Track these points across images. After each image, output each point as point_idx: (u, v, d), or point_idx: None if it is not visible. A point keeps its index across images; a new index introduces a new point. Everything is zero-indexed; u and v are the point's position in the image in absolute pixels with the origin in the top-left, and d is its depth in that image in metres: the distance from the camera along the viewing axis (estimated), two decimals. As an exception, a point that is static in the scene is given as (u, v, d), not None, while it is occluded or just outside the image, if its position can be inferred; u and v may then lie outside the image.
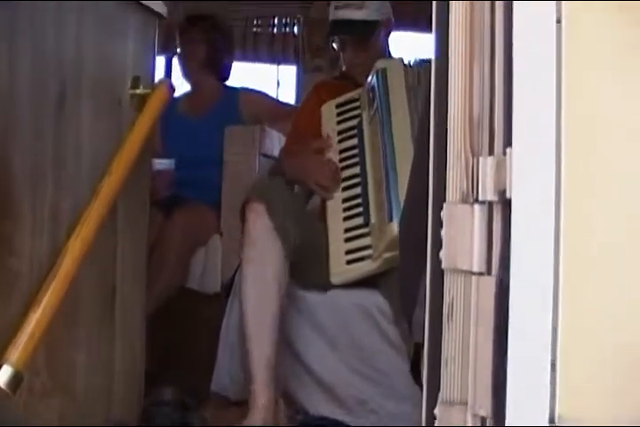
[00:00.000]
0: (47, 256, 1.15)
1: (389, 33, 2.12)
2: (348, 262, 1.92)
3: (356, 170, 1.99)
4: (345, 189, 2.00)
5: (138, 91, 1.38)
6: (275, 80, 3.57)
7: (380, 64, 1.97)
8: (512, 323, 0.59)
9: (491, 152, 0.62)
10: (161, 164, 2.40)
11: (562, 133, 0.55)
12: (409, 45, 3.28)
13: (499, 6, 0.60)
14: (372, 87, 1.97)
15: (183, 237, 2.32)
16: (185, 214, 2.36)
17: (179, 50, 2.69)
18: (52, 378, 1.22)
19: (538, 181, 0.55)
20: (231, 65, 2.76)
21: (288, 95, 3.50)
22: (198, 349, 2.33)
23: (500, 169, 0.60)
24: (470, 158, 0.63)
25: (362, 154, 1.98)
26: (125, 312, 1.40)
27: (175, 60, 3.13)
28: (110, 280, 1.35)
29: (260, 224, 1.83)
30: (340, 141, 2.06)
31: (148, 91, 1.37)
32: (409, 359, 1.71)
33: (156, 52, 1.47)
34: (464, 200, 0.64)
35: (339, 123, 2.08)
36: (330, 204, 2.00)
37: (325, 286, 1.94)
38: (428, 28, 3.29)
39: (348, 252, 1.92)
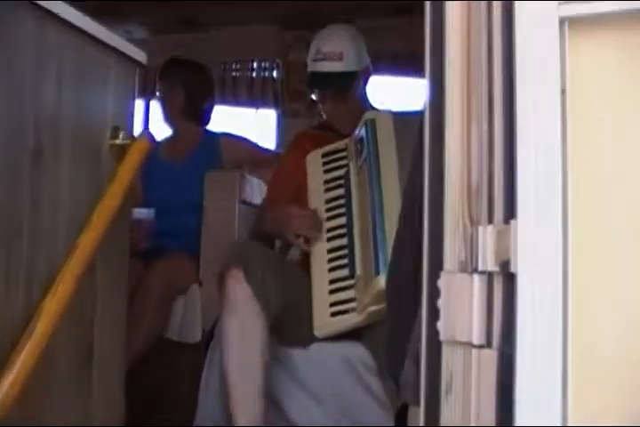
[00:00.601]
0: (21, 316, 1.10)
1: (367, 81, 2.13)
2: (333, 315, 1.88)
3: (342, 220, 1.97)
4: (330, 239, 1.97)
5: (117, 141, 1.35)
6: (254, 124, 3.58)
7: (369, 115, 1.98)
8: (519, 399, 0.56)
9: (490, 220, 0.60)
10: (140, 213, 2.36)
11: (568, 203, 0.53)
12: (390, 89, 3.31)
13: (497, 65, 0.58)
14: (361, 138, 1.97)
15: (163, 288, 2.27)
16: (164, 265, 2.31)
17: (158, 94, 2.68)
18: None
19: (545, 254, 0.53)
20: (212, 109, 2.75)
21: (267, 139, 3.50)
22: (178, 401, 2.26)
23: (501, 239, 0.57)
24: (469, 226, 0.61)
25: (348, 204, 1.97)
26: (103, 370, 1.35)
27: (154, 104, 3.13)
28: (88, 337, 1.30)
29: (239, 291, 1.79)
30: (326, 191, 2.04)
31: (128, 141, 1.34)
32: (393, 412, 1.68)
33: (135, 100, 1.45)
34: (463, 269, 0.61)
35: (325, 172, 2.07)
36: (314, 254, 1.97)
37: (308, 339, 1.91)
38: (407, 73, 3.33)
39: (333, 304, 1.89)
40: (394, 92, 3.33)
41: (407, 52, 3.17)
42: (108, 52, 1.36)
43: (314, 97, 2.10)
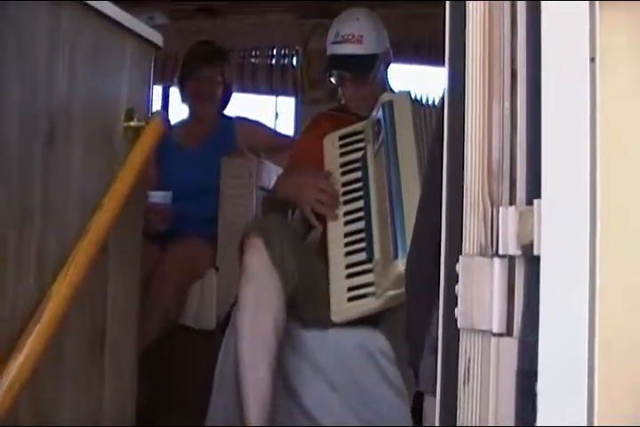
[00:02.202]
0: (32, 299, 1.09)
1: (389, 65, 2.09)
2: (350, 300, 1.86)
3: (360, 204, 1.94)
4: (348, 222, 1.94)
5: (132, 123, 1.33)
6: (273, 112, 3.55)
7: (386, 97, 1.94)
8: (542, 389, 0.53)
9: (512, 202, 0.56)
10: (156, 196, 2.34)
11: (597, 181, 0.49)
12: (409, 78, 3.26)
13: (521, 39, 0.54)
14: (378, 120, 1.93)
15: (179, 272, 2.26)
16: (180, 249, 2.29)
17: (189, 80, 2.59)
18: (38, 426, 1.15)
19: (571, 236, 0.50)
20: (232, 94, 2.73)
21: (286, 127, 3.47)
22: (193, 388, 2.25)
23: (524, 221, 0.54)
24: (489, 208, 0.57)
25: (366, 187, 1.94)
26: (115, 357, 1.33)
27: (173, 89, 3.10)
28: (100, 323, 1.28)
29: (258, 260, 1.78)
30: (343, 174, 2.01)
31: (143, 123, 1.32)
32: (410, 403, 1.65)
33: (152, 83, 1.42)
34: (482, 253, 0.58)
35: (342, 155, 2.04)
36: (331, 238, 1.94)
37: (325, 324, 1.88)
38: (427, 61, 3.28)
39: (350, 289, 1.87)
40: (416, 81, 3.28)
41: (428, 41, 3.11)
42: (123, 33, 1.34)
43: (332, 80, 2.06)
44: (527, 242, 0.54)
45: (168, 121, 1.31)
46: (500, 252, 0.56)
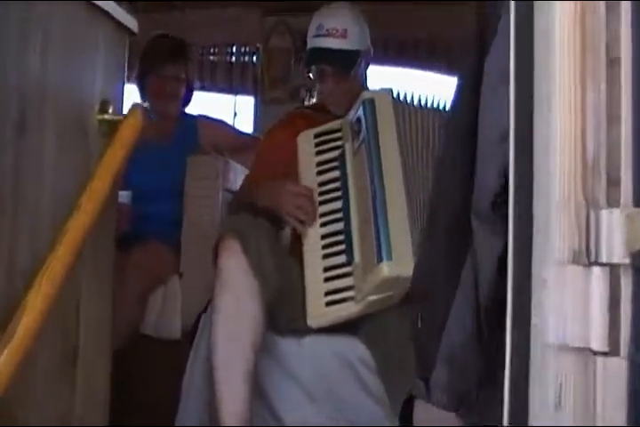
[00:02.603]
0: (2, 311, 0.96)
1: (368, 63, 2.02)
2: (328, 304, 1.77)
3: (338, 204, 1.85)
4: (324, 224, 1.86)
5: (107, 116, 1.21)
6: (231, 111, 3.43)
7: (367, 95, 1.86)
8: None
9: (613, 202, 0.49)
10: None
11: None
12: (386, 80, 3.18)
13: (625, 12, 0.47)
14: (358, 118, 1.85)
15: (140, 278, 2.12)
16: (142, 253, 2.16)
17: (151, 77, 2.43)
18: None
19: None
20: (193, 92, 2.61)
21: (245, 127, 3.36)
22: (155, 402, 2.12)
23: (634, 225, 0.47)
24: (583, 208, 0.50)
25: (344, 188, 1.85)
26: (89, 374, 1.21)
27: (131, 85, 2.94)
28: (72, 339, 1.16)
29: (234, 265, 1.67)
30: (319, 173, 1.92)
31: (119, 117, 1.20)
32: (395, 412, 1.58)
33: (125, 71, 1.30)
34: (576, 260, 0.50)
35: (318, 153, 1.95)
36: (307, 240, 1.85)
37: (302, 330, 1.79)
38: (411, 64, 3.19)
39: (328, 293, 1.78)
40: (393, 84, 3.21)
41: (408, 41, 3.05)
42: (97, 16, 1.22)
43: (311, 75, 1.97)
44: (636, 249, 0.47)
45: (148, 114, 1.20)
46: (603, 260, 0.49)
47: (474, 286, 0.91)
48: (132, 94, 2.75)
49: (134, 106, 1.21)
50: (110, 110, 1.22)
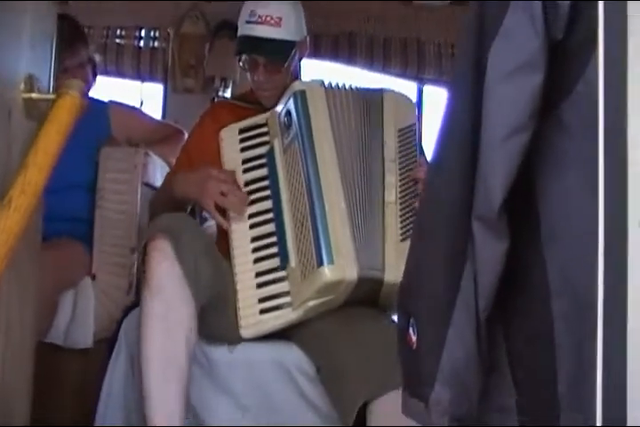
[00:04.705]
0: None
1: (303, 56, 1.90)
2: (262, 312, 1.66)
3: (267, 204, 1.74)
4: (254, 226, 1.73)
5: (34, 95, 1.03)
6: (137, 98, 3.21)
7: (297, 86, 1.75)
8: None
9: None
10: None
11: None
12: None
13: None
14: (288, 111, 1.74)
15: (47, 281, 1.90)
16: (49, 253, 1.92)
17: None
18: None
19: None
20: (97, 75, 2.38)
21: (152, 116, 3.15)
22: (62, 418, 1.92)
23: None
24: None
25: (274, 186, 1.74)
26: (3, 400, 1.03)
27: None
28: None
29: (166, 269, 1.52)
30: (244, 171, 1.79)
31: (50, 96, 1.03)
32: (346, 423, 1.49)
33: (54, 44, 1.12)
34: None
35: (243, 150, 1.82)
36: (236, 243, 1.72)
37: (233, 339, 1.66)
38: (348, 60, 3.07)
39: (262, 300, 1.66)
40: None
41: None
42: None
43: (241, 64, 1.83)
44: None
45: (86, 94, 1.03)
46: None
47: (474, 298, 0.83)
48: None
49: (70, 82, 1.03)
50: (37, 88, 1.05)
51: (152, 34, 3.09)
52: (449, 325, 0.84)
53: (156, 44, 3.09)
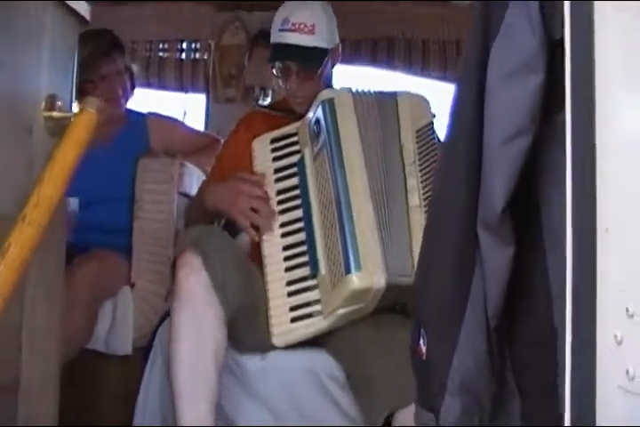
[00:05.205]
0: None
1: (335, 64, 1.91)
2: (293, 320, 1.66)
3: (298, 213, 1.74)
4: (285, 234, 1.74)
5: (54, 113, 1.07)
6: (181, 109, 3.27)
7: (326, 94, 1.75)
8: None
9: None
10: (61, 202, 2.03)
11: None
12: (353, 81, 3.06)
13: None
14: (317, 120, 1.74)
15: (89, 290, 1.96)
16: (90, 263, 1.99)
17: (91, 78, 2.24)
18: None
19: None
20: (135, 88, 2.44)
21: (195, 126, 3.21)
22: (104, 422, 1.97)
23: None
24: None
25: (305, 195, 1.74)
26: (31, 403, 1.06)
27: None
28: (14, 365, 1.01)
29: (194, 282, 1.54)
30: (277, 181, 1.80)
31: (69, 113, 1.06)
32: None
33: (75, 63, 1.16)
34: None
35: (275, 159, 1.83)
36: (268, 252, 1.73)
37: (265, 347, 1.67)
38: (385, 64, 3.06)
39: (293, 308, 1.67)
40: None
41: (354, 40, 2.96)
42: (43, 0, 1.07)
43: (274, 72, 1.85)
44: None
45: (102, 110, 1.06)
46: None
47: (483, 305, 0.82)
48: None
49: (87, 100, 1.06)
50: (59, 106, 1.08)
51: (193, 46, 3.15)
52: (459, 333, 0.82)
53: (197, 55, 3.15)
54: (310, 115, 1.78)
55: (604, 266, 0.46)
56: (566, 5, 0.50)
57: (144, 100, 3.15)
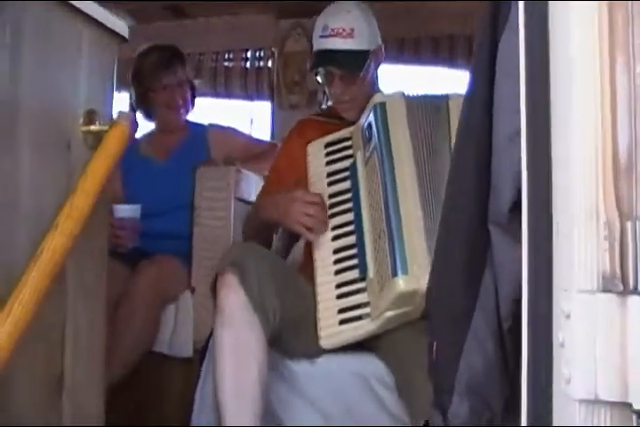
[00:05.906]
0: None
1: (379, 63, 1.90)
2: (342, 322, 1.66)
3: (349, 217, 1.75)
4: (336, 237, 1.75)
5: (93, 127, 1.12)
6: (247, 117, 3.35)
7: (377, 99, 1.75)
8: None
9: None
10: (124, 210, 2.12)
11: None
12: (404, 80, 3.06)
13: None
14: (369, 124, 1.74)
15: (152, 295, 2.03)
16: (152, 269, 2.07)
17: (155, 88, 2.34)
18: None
19: None
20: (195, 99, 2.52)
21: (262, 133, 3.27)
22: (168, 421, 2.04)
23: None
24: (616, 222, 0.39)
25: (356, 199, 1.75)
26: (77, 400, 1.12)
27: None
28: (56, 364, 1.06)
29: (234, 301, 1.57)
30: (329, 184, 1.82)
31: (106, 128, 1.11)
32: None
33: (114, 80, 1.21)
34: (606, 288, 0.39)
35: (328, 163, 1.85)
36: (318, 255, 1.75)
37: (314, 351, 1.68)
38: (430, 62, 3.06)
39: (342, 310, 1.67)
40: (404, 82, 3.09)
41: (413, 39, 2.94)
42: (80, 20, 1.13)
43: (319, 79, 1.87)
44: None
45: (136, 123, 1.11)
46: (642, 288, 0.38)
47: (495, 306, 0.80)
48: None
49: (120, 114, 1.12)
50: (97, 121, 1.14)
51: (257, 54, 3.22)
52: (467, 334, 0.81)
53: (261, 63, 3.21)
54: (363, 119, 1.78)
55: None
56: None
57: (212, 109, 3.27)
